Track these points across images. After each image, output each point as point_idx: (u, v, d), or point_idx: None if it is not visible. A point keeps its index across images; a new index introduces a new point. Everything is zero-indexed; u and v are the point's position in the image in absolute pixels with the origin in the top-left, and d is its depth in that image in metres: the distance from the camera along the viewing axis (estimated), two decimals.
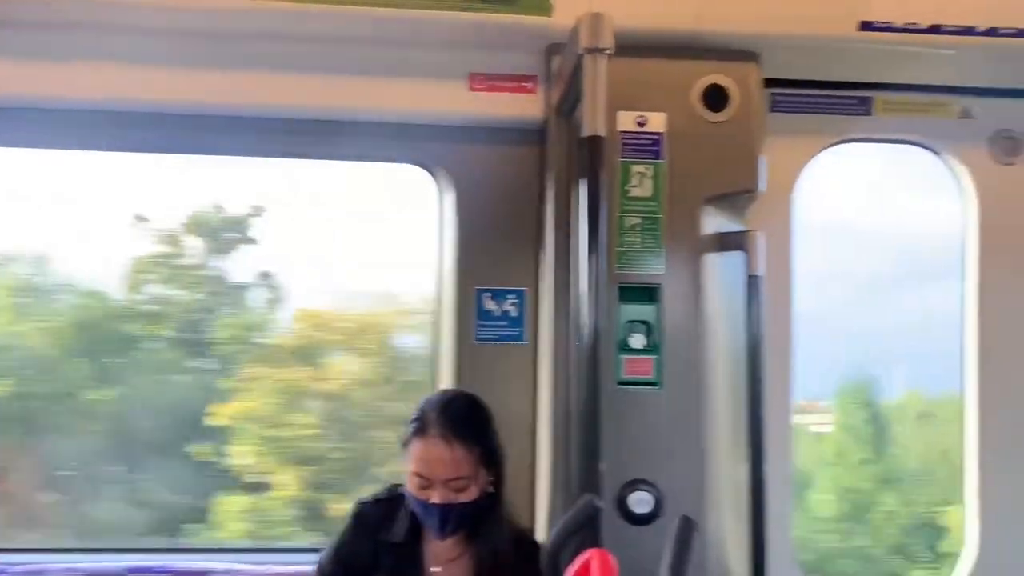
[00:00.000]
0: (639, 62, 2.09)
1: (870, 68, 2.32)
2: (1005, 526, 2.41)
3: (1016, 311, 2.44)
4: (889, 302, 2.99)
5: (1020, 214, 2.46)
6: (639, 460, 2.02)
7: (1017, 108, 2.45)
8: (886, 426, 3.21)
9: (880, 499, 3.13)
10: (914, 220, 2.83)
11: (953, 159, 2.48)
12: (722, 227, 2.17)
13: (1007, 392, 2.43)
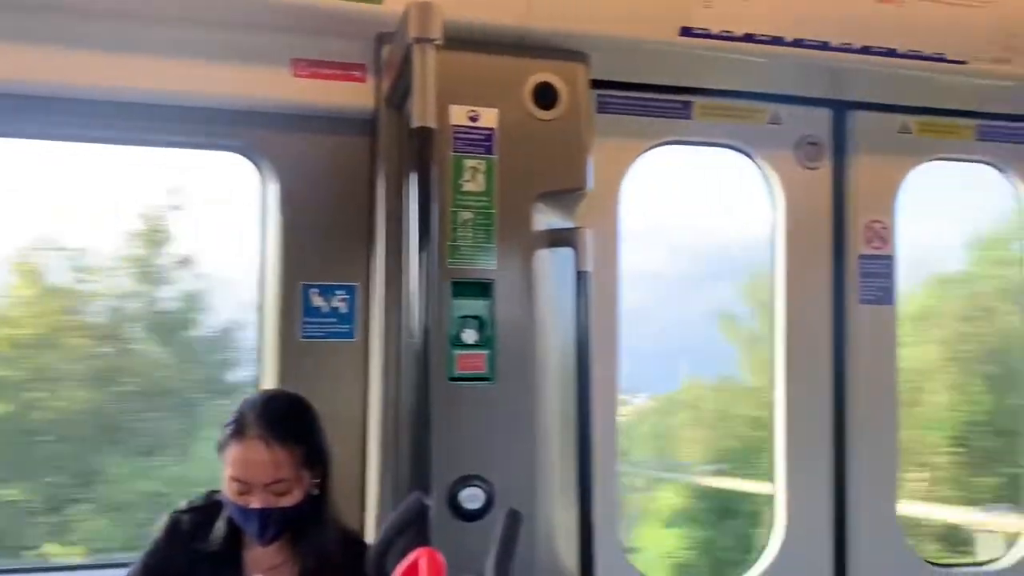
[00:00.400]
0: (471, 56, 2.08)
1: (690, 73, 2.43)
2: (808, 505, 2.59)
3: (815, 303, 2.62)
4: (692, 299, 3.13)
5: (822, 215, 2.65)
6: (471, 456, 2.01)
7: (820, 116, 2.65)
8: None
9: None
10: (732, 222, 2.98)
11: (764, 163, 2.64)
12: (553, 224, 2.19)
13: (810, 378, 2.61)
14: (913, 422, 2.99)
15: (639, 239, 2.65)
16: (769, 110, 2.60)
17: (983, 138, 2.77)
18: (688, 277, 3.10)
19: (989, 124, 2.75)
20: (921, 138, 2.70)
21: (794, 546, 2.55)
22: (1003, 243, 3.15)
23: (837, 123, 2.66)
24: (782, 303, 2.61)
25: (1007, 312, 3.18)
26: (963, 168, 2.85)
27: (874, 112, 2.66)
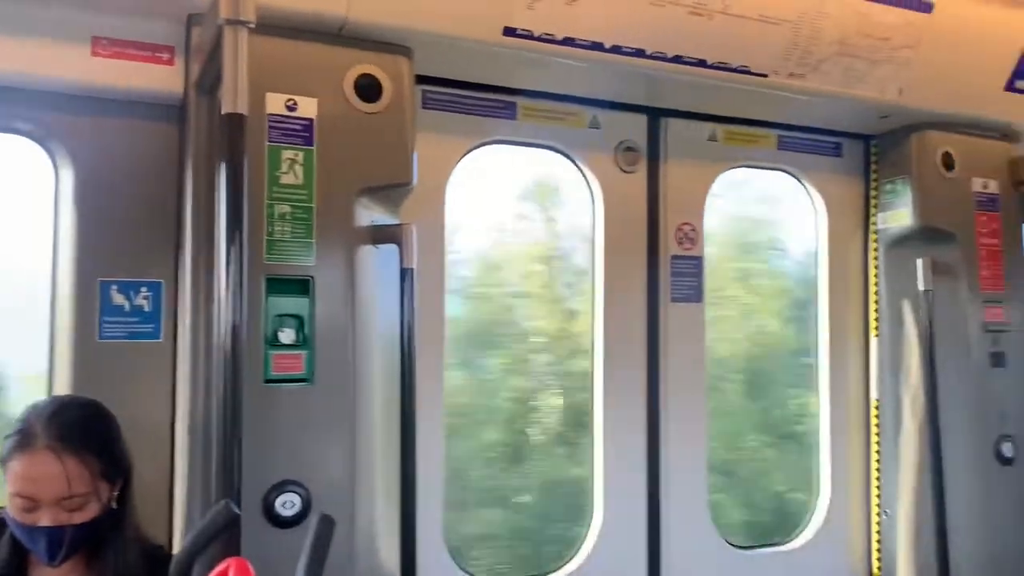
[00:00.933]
0: (290, 44, 2.00)
1: (515, 74, 2.45)
2: (624, 492, 2.68)
3: (631, 300, 2.73)
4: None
5: (638, 217, 2.76)
6: (287, 461, 1.93)
7: (636, 122, 2.75)
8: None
9: None
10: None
11: (584, 165, 2.71)
12: (376, 220, 2.15)
13: (626, 371, 2.71)
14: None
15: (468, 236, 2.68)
16: (589, 114, 2.67)
17: (783, 147, 2.97)
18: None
19: (788, 135, 2.96)
20: (727, 146, 2.87)
21: (611, 531, 2.65)
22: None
23: (652, 129, 2.77)
24: (601, 299, 2.69)
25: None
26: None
27: (685, 120, 2.79)
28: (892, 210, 2.95)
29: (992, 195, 2.94)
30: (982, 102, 2.83)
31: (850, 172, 3.07)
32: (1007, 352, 2.90)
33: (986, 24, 2.68)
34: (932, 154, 2.86)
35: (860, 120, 2.91)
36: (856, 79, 2.58)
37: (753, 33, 2.38)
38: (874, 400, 3.03)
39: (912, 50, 2.58)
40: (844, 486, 3.01)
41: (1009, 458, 2.85)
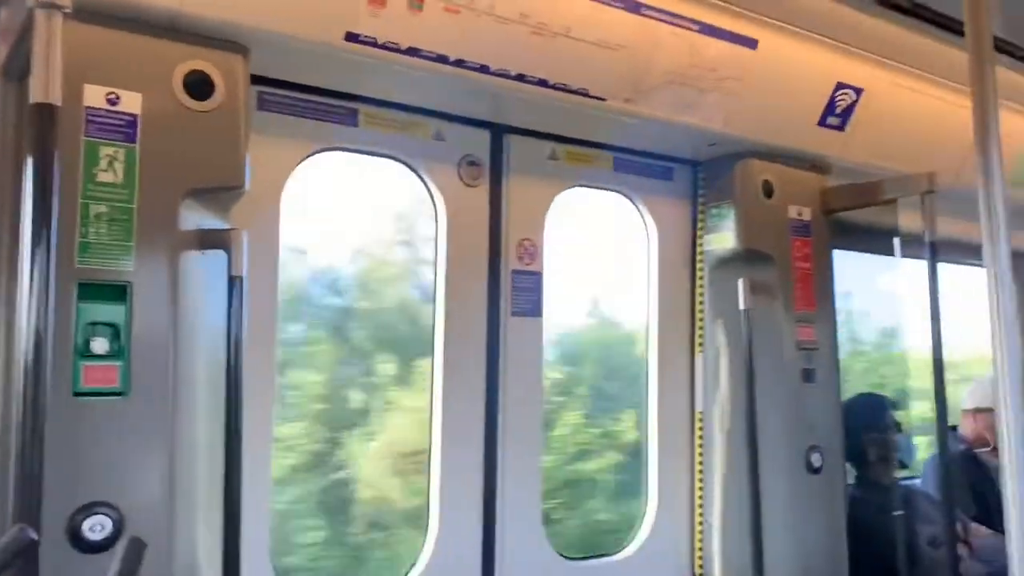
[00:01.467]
0: (114, 34, 1.88)
1: (357, 80, 2.41)
2: (460, 505, 2.67)
3: (472, 313, 2.74)
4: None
5: (480, 231, 2.77)
6: (98, 480, 1.79)
7: (480, 137, 2.77)
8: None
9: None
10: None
11: (428, 177, 2.70)
12: (204, 224, 2.04)
13: (465, 385, 2.71)
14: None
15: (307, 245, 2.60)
16: (433, 126, 2.67)
17: (618, 169, 3.08)
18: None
19: (623, 157, 3.07)
20: (568, 165, 2.94)
21: (446, 544, 2.63)
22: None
23: (495, 145, 2.80)
24: (442, 313, 2.68)
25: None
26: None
27: (528, 137, 2.84)
28: (717, 233, 3.12)
29: (806, 222, 3.17)
30: (798, 135, 3.05)
31: (680, 196, 3.22)
32: (816, 368, 3.12)
33: (804, 62, 2.89)
34: (753, 181, 3.05)
35: (689, 146, 3.06)
36: (686, 107, 2.71)
37: (592, 57, 2.46)
38: (698, 413, 3.18)
39: (738, 82, 2.74)
40: (670, 497, 3.13)
41: (817, 467, 3.06)
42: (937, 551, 3.26)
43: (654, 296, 3.20)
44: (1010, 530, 1.66)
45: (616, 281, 3.45)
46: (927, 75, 3.21)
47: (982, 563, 3.40)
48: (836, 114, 3.07)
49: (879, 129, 3.22)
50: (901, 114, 3.25)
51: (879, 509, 3.34)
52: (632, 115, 2.66)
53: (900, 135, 3.31)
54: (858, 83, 3.04)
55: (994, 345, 1.68)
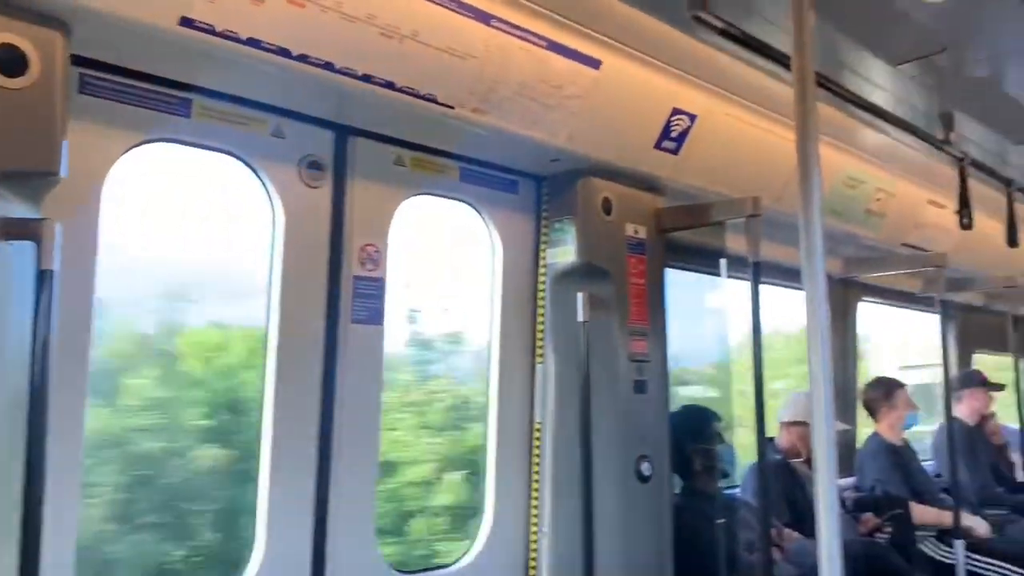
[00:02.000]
0: None
1: (191, 69, 2.28)
2: (289, 519, 2.57)
3: (310, 319, 2.64)
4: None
5: (320, 235, 2.68)
6: None
7: (323, 137, 2.69)
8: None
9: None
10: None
11: (265, 176, 2.59)
12: (12, 212, 1.86)
13: (300, 394, 2.61)
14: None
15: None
16: (273, 122, 2.56)
17: (465, 180, 3.08)
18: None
19: (470, 168, 3.08)
20: (413, 172, 2.91)
21: (274, 559, 2.51)
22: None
23: (339, 146, 2.73)
24: (276, 316, 2.58)
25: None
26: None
27: (373, 141, 2.79)
28: (559, 247, 3.18)
29: (641, 240, 3.29)
30: (636, 156, 3.16)
31: (524, 209, 3.26)
32: (648, 380, 3.23)
33: (643, 86, 3.01)
34: (594, 198, 3.13)
35: (534, 161, 3.10)
36: (532, 121, 2.75)
37: (441, 64, 2.45)
38: (536, 423, 3.22)
39: (581, 100, 2.81)
40: (507, 507, 3.15)
41: (647, 476, 3.17)
42: (753, 555, 3.44)
43: (497, 307, 3.21)
44: (820, 534, 1.77)
45: (460, 291, 3.45)
46: (755, 107, 3.41)
47: (793, 565, 3.63)
48: (671, 138, 3.21)
49: (710, 155, 3.39)
50: (730, 142, 3.44)
51: (703, 517, 3.49)
52: (480, 125, 2.66)
53: (729, 161, 3.50)
54: (692, 110, 3.19)
55: (811, 363, 1.79)
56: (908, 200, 4.61)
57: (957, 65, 3.05)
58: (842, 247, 4.86)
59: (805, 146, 1.85)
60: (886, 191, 4.40)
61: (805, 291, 1.81)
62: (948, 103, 3.43)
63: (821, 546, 1.75)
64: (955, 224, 4.18)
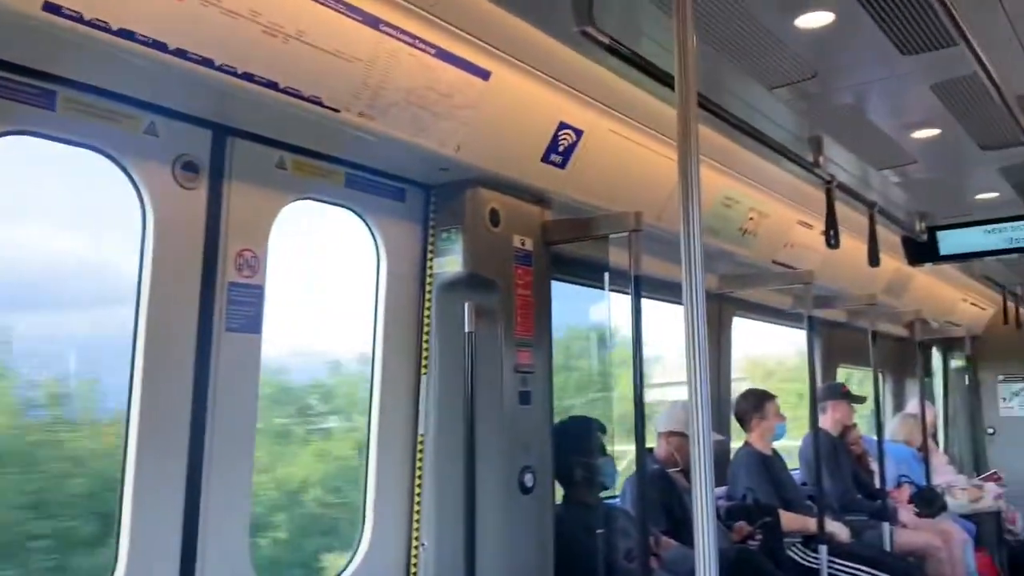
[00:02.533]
0: None
1: (57, 59, 2.14)
2: (156, 535, 2.43)
3: (181, 326, 2.52)
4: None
5: (195, 238, 2.56)
6: None
7: (200, 136, 2.58)
8: None
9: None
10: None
11: (137, 175, 2.46)
12: None
13: (169, 404, 2.48)
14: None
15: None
16: (146, 119, 2.43)
17: (350, 186, 3.01)
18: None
19: (356, 173, 3.01)
20: (296, 176, 2.82)
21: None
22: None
23: (217, 147, 2.61)
24: (144, 321, 2.44)
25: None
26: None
27: (254, 143, 2.69)
28: (446, 256, 3.16)
29: (528, 252, 3.31)
30: (524, 168, 3.18)
31: (412, 218, 3.22)
32: (532, 391, 3.25)
33: (531, 99, 3.03)
34: (481, 209, 3.13)
35: (422, 169, 3.08)
36: (420, 129, 2.72)
37: (327, 66, 2.39)
38: (420, 435, 3.17)
39: (470, 111, 2.80)
40: (388, 521, 3.09)
41: (530, 487, 3.18)
42: (631, 564, 3.50)
43: (381, 317, 3.16)
44: (697, 541, 1.80)
45: (343, 300, 3.38)
46: (639, 125, 3.50)
47: (669, 573, 3.71)
48: (558, 152, 3.24)
49: (596, 170, 3.45)
50: (615, 158, 3.52)
51: (583, 527, 3.53)
52: (366, 131, 2.61)
53: (614, 177, 3.58)
54: (579, 125, 3.24)
55: (690, 376, 1.83)
56: (779, 220, 4.83)
57: (826, 91, 3.22)
58: (717, 264, 5.04)
59: (686, 165, 1.89)
60: (759, 211, 4.60)
61: (684, 306, 1.85)
62: (818, 127, 3.61)
63: (698, 553, 1.79)
64: (822, 244, 4.41)
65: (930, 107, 3.35)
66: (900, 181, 4.49)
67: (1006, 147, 3.83)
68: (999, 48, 2.72)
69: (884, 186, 4.54)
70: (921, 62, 2.91)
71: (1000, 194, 4.76)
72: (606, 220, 3.40)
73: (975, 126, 3.59)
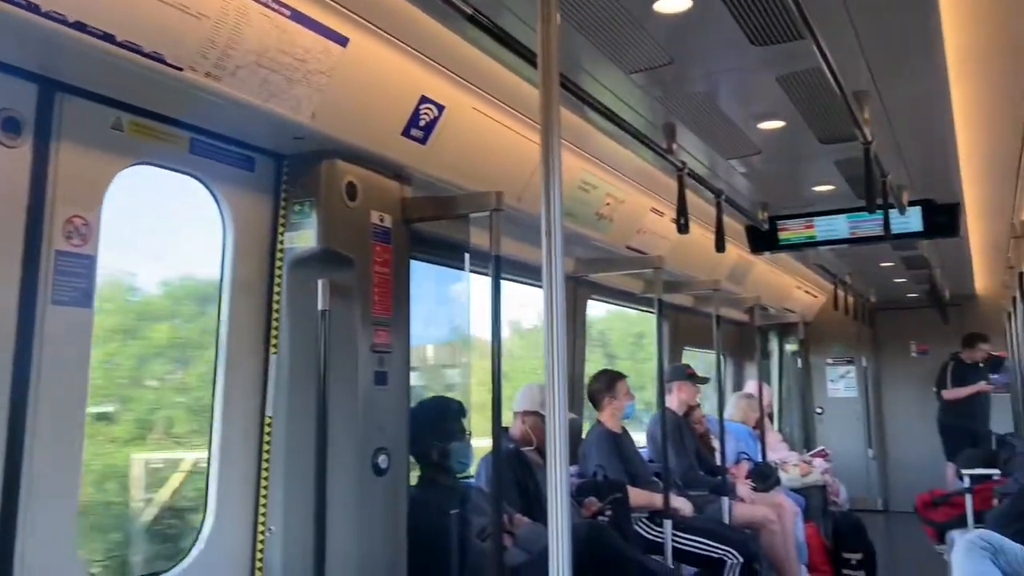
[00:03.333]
0: None
1: None
2: None
3: None
4: None
5: (16, 202, 2.33)
6: None
7: (24, 91, 2.34)
8: None
9: None
10: None
11: None
12: None
13: None
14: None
15: None
16: None
17: (195, 152, 2.83)
18: None
19: (201, 139, 2.83)
20: (134, 138, 2.61)
21: None
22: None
23: (43, 103, 2.38)
24: None
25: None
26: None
27: (87, 100, 2.47)
28: (299, 231, 3.03)
29: (386, 228, 3.22)
30: (383, 141, 3.09)
31: (262, 188, 3.06)
32: (389, 372, 3.18)
33: (392, 70, 2.94)
34: (338, 182, 3.02)
35: (274, 137, 2.93)
36: (272, 94, 2.58)
37: (171, 20, 2.21)
38: (268, 417, 3.04)
39: (327, 77, 2.69)
40: (232, 506, 2.94)
41: (384, 469, 3.11)
42: (485, 542, 3.51)
43: (227, 293, 2.99)
44: (551, 518, 1.80)
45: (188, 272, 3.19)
46: (502, 104, 3.48)
47: (522, 550, 3.74)
48: (419, 127, 3.17)
49: (457, 148, 3.40)
50: (477, 136, 3.48)
51: (438, 508, 3.50)
52: (212, 92, 2.45)
53: (475, 156, 3.54)
54: (441, 100, 3.18)
55: (547, 356, 1.83)
56: (634, 206, 4.96)
57: (681, 79, 3.30)
58: (574, 247, 5.12)
59: (548, 146, 1.87)
60: (615, 197, 4.70)
61: (544, 287, 1.85)
62: (672, 115, 3.71)
63: (551, 529, 1.79)
64: (673, 231, 4.55)
65: (776, 99, 3.50)
66: (746, 171, 4.69)
67: (842, 141, 4.06)
68: (841, 45, 2.86)
69: (731, 175, 4.73)
70: (769, 54, 3.02)
71: (836, 187, 5.06)
72: (467, 199, 3.37)
73: (815, 119, 3.79)
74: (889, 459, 10.63)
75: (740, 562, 4.83)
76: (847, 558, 6.86)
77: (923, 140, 4.15)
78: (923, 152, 4.34)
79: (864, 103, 3.40)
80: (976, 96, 3.64)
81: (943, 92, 3.46)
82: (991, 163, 4.68)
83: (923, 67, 3.22)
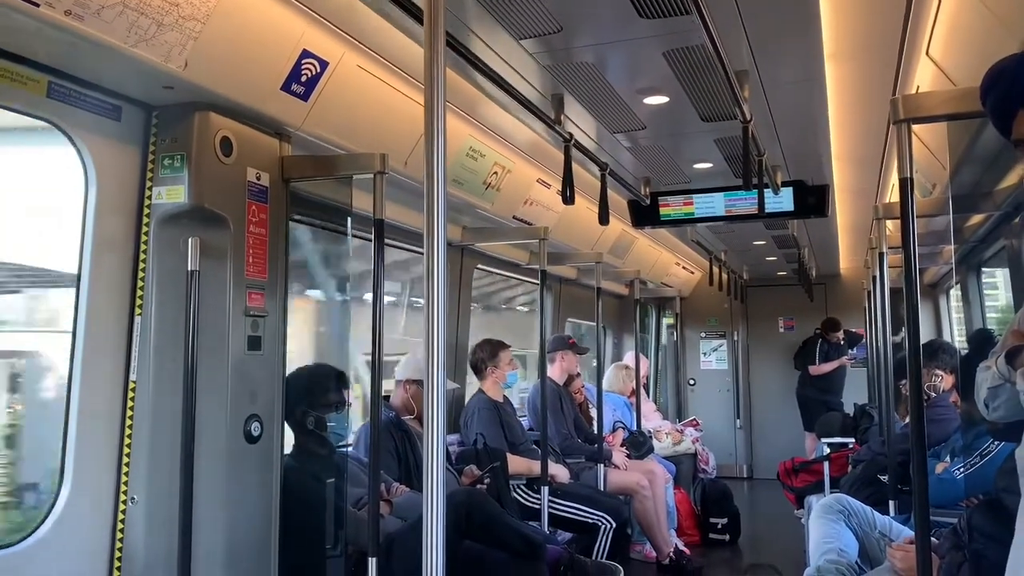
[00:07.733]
0: None
1: None
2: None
3: None
4: None
5: None
6: None
7: None
8: None
9: None
10: None
11: None
12: None
13: None
14: None
15: None
16: None
17: (54, 96, 2.62)
18: None
19: (62, 84, 2.62)
20: None
21: None
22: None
23: None
24: None
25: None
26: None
27: None
28: (168, 186, 2.87)
29: (263, 187, 3.09)
30: (261, 96, 2.95)
31: (129, 140, 2.87)
32: (263, 336, 3.06)
33: (273, 20, 2.80)
34: (211, 136, 2.87)
35: (143, 86, 2.74)
36: (141, 39, 2.41)
37: None
38: (132, 382, 2.88)
39: (201, 24, 2.53)
40: (90, 475, 2.78)
41: (256, 437, 3.01)
42: (361, 511, 3.46)
43: (88, 249, 2.80)
44: (426, 485, 1.78)
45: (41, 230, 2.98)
46: (389, 64, 3.38)
47: (400, 518, 3.72)
48: (301, 82, 3.05)
49: (341, 107, 3.29)
50: (362, 96, 3.38)
51: (313, 477, 3.43)
52: (73, 33, 2.27)
53: (360, 117, 3.44)
54: (324, 56, 3.06)
55: (427, 324, 1.80)
56: (521, 177, 4.95)
57: (569, 48, 3.29)
58: (461, 216, 5.08)
59: (432, 109, 1.83)
60: (503, 166, 4.68)
61: (425, 254, 1.81)
62: (560, 85, 3.70)
63: (426, 496, 1.77)
64: (558, 203, 4.58)
65: (661, 74, 3.55)
66: (630, 146, 4.76)
67: (722, 120, 4.17)
68: (725, 22, 2.91)
69: (616, 150, 4.79)
70: (656, 27, 3.04)
71: (714, 164, 5.21)
72: (351, 160, 3.27)
73: (698, 97, 3.86)
74: (755, 429, 11.16)
75: (613, 527, 4.98)
76: (714, 522, 7.19)
77: (798, 122, 4.30)
78: (798, 134, 4.50)
79: (744, 82, 3.48)
80: (849, 81, 3.80)
81: (818, 75, 3.59)
82: (860, 147, 4.91)
83: (800, 49, 3.32)
